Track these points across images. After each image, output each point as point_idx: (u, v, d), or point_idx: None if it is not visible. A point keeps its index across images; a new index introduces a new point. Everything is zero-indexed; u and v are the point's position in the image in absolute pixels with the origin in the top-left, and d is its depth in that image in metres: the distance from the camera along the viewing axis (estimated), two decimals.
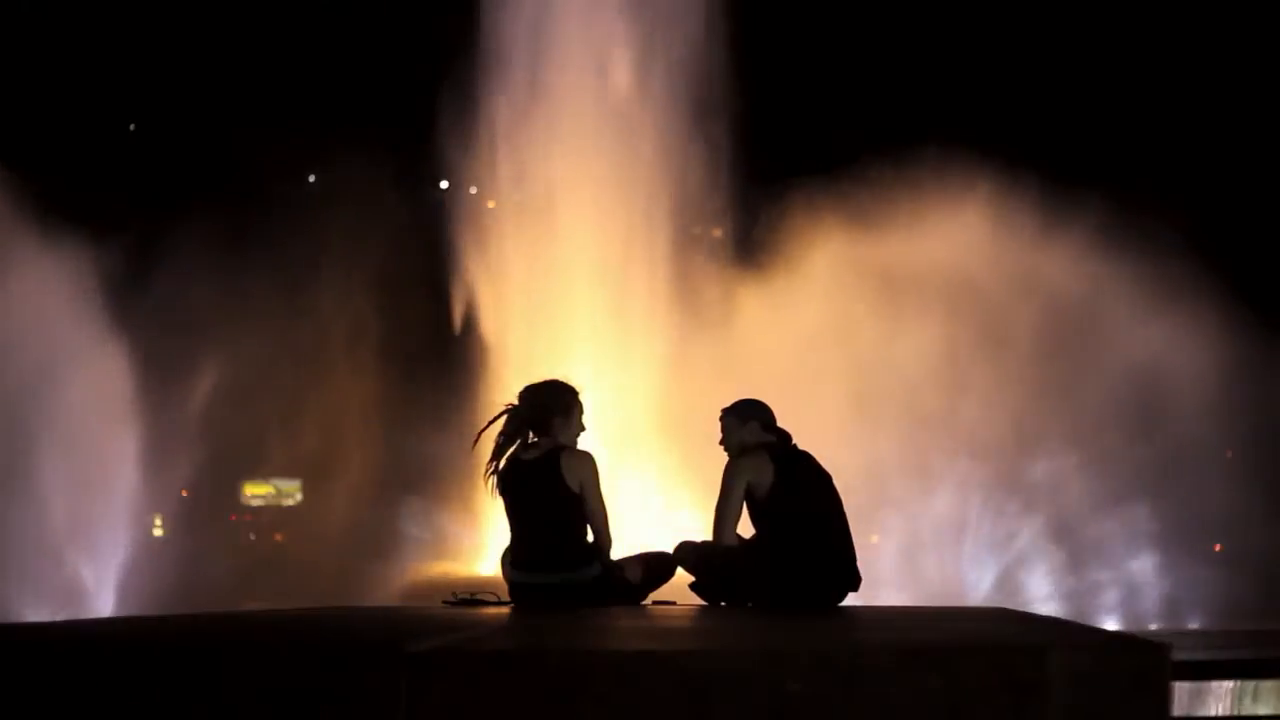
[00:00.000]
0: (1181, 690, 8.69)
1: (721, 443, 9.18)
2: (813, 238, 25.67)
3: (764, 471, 8.86)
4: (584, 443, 9.13)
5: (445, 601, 9.06)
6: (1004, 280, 24.99)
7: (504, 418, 9.07)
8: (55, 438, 24.39)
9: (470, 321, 26.05)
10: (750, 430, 9.07)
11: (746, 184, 27.38)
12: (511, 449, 9.01)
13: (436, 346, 27.88)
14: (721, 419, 9.22)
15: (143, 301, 25.40)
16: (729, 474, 8.95)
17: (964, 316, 25.00)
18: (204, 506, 33.07)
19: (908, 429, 24.82)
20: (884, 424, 24.69)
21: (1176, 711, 5.86)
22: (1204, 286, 24.79)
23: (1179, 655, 5.25)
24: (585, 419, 9.18)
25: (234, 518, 41.86)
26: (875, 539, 24.31)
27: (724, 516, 8.93)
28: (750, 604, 8.83)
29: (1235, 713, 8.96)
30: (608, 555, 8.94)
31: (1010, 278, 24.98)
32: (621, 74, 25.72)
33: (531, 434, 9.03)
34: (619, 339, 24.89)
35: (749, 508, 9.00)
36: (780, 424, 9.22)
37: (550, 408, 9.02)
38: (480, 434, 9.16)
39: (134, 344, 25.22)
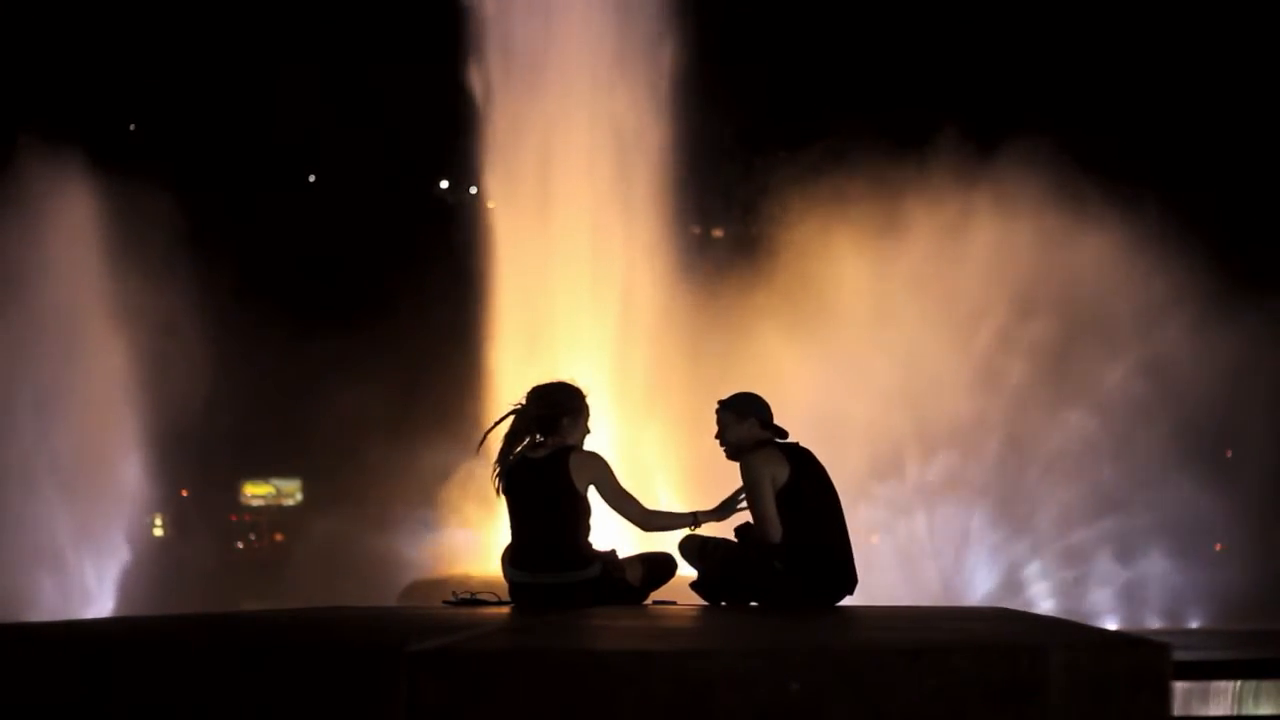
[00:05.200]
0: (1181, 690, 8.68)
1: (718, 437, 9.07)
2: (813, 234, 25.70)
3: (781, 469, 8.74)
4: (589, 444, 9.10)
5: (445, 601, 9.04)
6: (1006, 280, 24.99)
7: (511, 417, 9.05)
8: (57, 439, 24.43)
9: (471, 321, 26.05)
10: (749, 426, 8.96)
11: (747, 182, 27.41)
12: (518, 448, 8.99)
13: (437, 345, 27.87)
14: (718, 414, 9.08)
15: (144, 303, 25.41)
16: (753, 472, 8.76)
17: (964, 317, 25.01)
18: (204, 506, 33.11)
19: (909, 429, 24.83)
20: (885, 423, 24.70)
21: (1176, 711, 5.86)
22: (1205, 286, 24.80)
23: (1179, 655, 5.25)
24: (591, 421, 9.16)
25: (234, 518, 41.91)
26: (875, 539, 24.32)
27: (767, 515, 8.70)
28: (752, 603, 8.80)
29: (1235, 713, 8.95)
30: (664, 525, 8.96)
31: (1014, 278, 24.98)
32: (622, 73, 25.73)
33: (538, 434, 9.01)
34: (620, 340, 24.88)
35: None
36: (779, 421, 9.15)
37: (558, 408, 8.98)
38: (487, 433, 9.13)
39: (136, 345, 25.24)
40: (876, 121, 25.81)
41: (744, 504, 8.92)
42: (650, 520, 8.91)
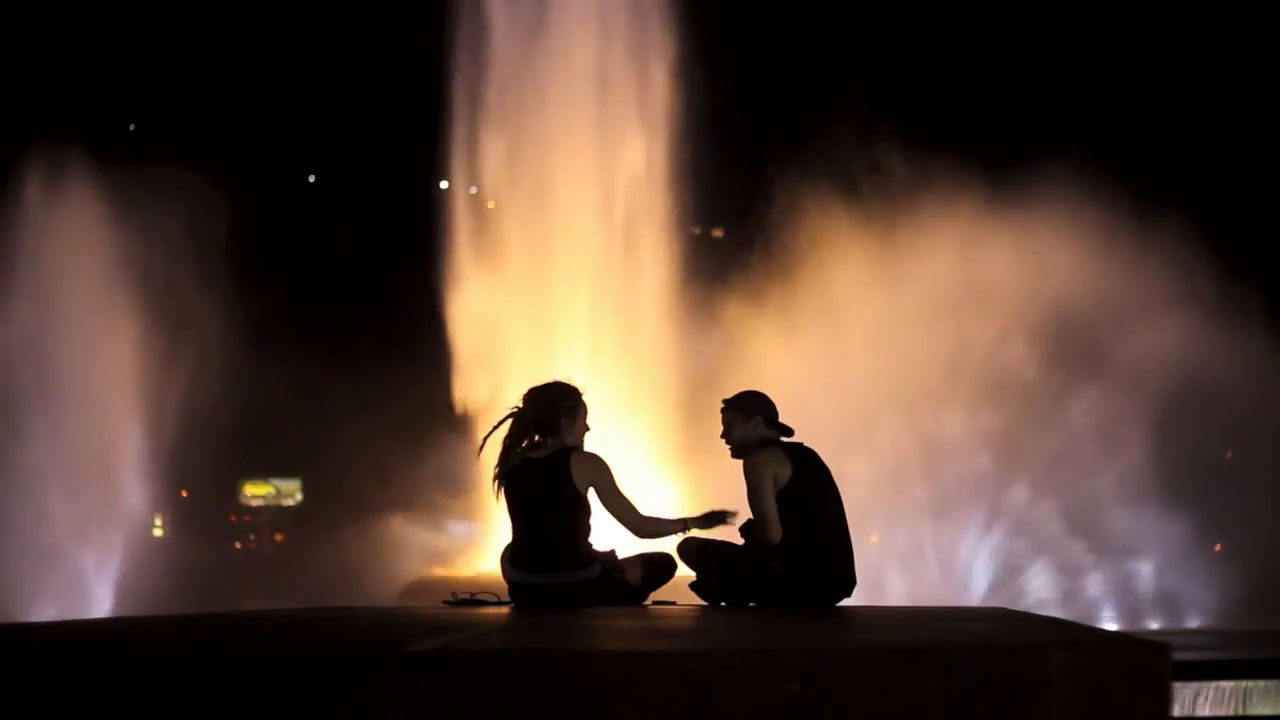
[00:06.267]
0: (1181, 690, 8.69)
1: (723, 436, 9.05)
2: (814, 235, 25.70)
3: (784, 469, 8.72)
4: (589, 444, 9.10)
5: (445, 601, 9.06)
6: (1009, 281, 24.99)
7: (510, 420, 9.06)
8: (57, 438, 24.43)
9: (471, 321, 26.04)
10: (754, 425, 8.95)
11: (746, 183, 27.40)
12: (518, 449, 9.00)
13: (437, 345, 27.88)
14: (723, 412, 9.07)
15: (146, 304, 25.41)
16: (755, 472, 8.75)
17: (967, 318, 25.01)
18: (204, 506, 33.09)
19: (909, 430, 24.82)
20: (885, 425, 24.69)
21: (1176, 711, 5.86)
22: (1205, 287, 24.81)
23: (1179, 655, 5.25)
24: (590, 420, 9.17)
25: (234, 518, 41.94)
26: (875, 539, 24.32)
27: (767, 515, 8.69)
28: (751, 604, 8.80)
29: (1235, 713, 8.95)
30: (658, 531, 8.96)
31: (1018, 279, 24.99)
32: (621, 74, 25.73)
33: (537, 435, 9.01)
34: (619, 339, 24.89)
35: None
36: (782, 420, 9.13)
37: (556, 409, 8.99)
38: (486, 437, 9.15)
39: (136, 345, 25.24)
40: (880, 121, 25.80)
41: (732, 519, 8.94)
42: (645, 526, 8.93)
